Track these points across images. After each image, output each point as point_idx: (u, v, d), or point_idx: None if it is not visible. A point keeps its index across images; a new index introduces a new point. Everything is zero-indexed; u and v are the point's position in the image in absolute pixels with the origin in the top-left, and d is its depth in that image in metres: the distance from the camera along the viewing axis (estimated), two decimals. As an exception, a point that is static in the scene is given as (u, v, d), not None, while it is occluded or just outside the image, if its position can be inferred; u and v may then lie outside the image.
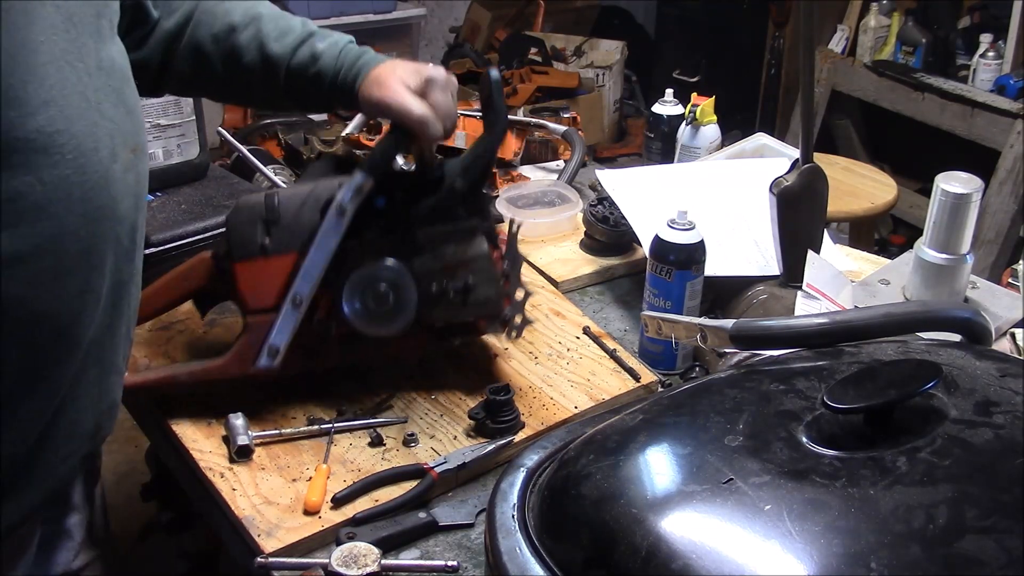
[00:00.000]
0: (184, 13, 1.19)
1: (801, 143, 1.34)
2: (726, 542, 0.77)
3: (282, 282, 1.16)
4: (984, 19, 3.66)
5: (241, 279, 1.18)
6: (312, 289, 1.16)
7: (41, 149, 0.83)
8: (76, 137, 0.86)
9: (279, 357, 1.17)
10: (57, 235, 0.86)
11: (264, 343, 1.17)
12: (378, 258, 1.18)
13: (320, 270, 1.16)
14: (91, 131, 0.88)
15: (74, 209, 0.87)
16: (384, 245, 1.19)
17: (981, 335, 1.04)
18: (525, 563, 0.85)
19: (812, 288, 1.31)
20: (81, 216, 0.88)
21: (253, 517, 1.06)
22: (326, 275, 1.17)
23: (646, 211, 1.54)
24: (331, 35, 1.24)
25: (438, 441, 1.19)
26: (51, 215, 0.85)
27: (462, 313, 1.22)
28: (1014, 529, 0.72)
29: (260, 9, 1.22)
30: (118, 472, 2.26)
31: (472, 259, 1.20)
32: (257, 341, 1.17)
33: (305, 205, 1.18)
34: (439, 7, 4.68)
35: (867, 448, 0.81)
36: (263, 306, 1.17)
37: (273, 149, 2.59)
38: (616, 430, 0.93)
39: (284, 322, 1.16)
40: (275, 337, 1.17)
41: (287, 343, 1.17)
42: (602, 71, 4.43)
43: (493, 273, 1.20)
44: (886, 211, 2.76)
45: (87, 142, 0.87)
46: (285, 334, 1.17)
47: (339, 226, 1.15)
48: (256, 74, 1.21)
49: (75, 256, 0.89)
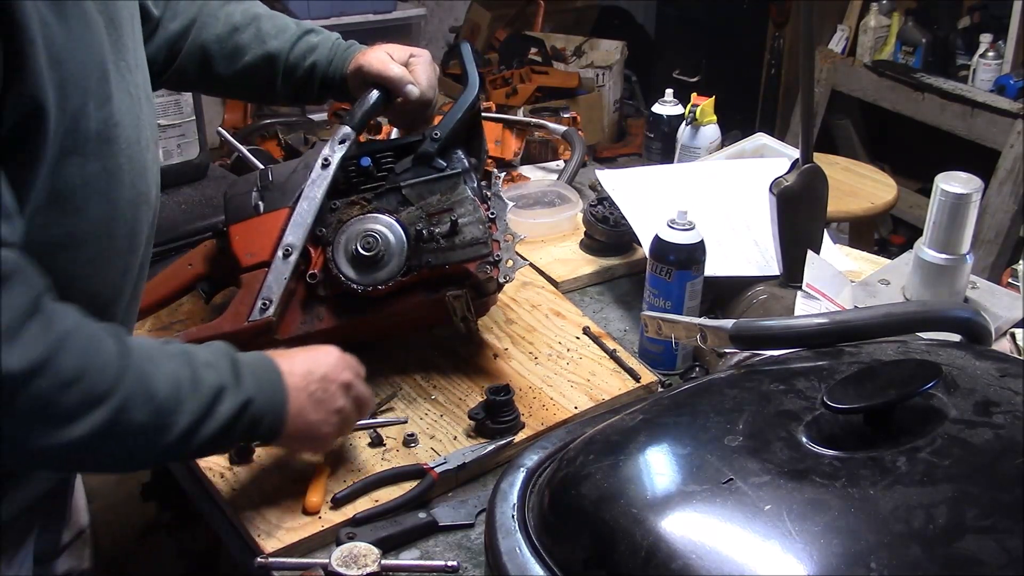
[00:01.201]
0: (189, 16, 1.26)
1: (801, 143, 1.34)
2: (726, 542, 0.77)
3: (274, 237, 1.22)
4: (984, 19, 3.66)
5: (235, 239, 1.25)
6: (302, 240, 1.22)
7: (106, 139, 0.89)
8: (127, 129, 0.92)
9: (272, 308, 1.20)
10: (111, 218, 0.92)
11: (257, 296, 1.21)
12: (366, 212, 1.24)
13: (309, 220, 1.22)
14: (135, 123, 0.95)
15: (124, 195, 0.93)
16: (372, 200, 1.26)
17: (981, 335, 1.05)
18: (525, 563, 0.85)
19: (812, 288, 1.31)
20: (129, 201, 0.95)
21: (253, 517, 1.06)
22: (318, 233, 1.23)
23: (646, 211, 1.54)
24: (324, 31, 1.33)
25: (438, 441, 1.19)
26: (109, 200, 0.91)
27: (451, 256, 1.23)
28: (1014, 529, 0.72)
29: (258, 9, 1.31)
30: (118, 472, 2.26)
31: (456, 202, 1.24)
32: (251, 296, 1.21)
33: (295, 172, 1.26)
34: (439, 7, 4.68)
35: (867, 448, 0.81)
36: (256, 261, 1.22)
37: (273, 149, 2.59)
38: (616, 430, 0.93)
39: (275, 274, 1.21)
40: (267, 289, 1.21)
41: (280, 295, 1.21)
42: (602, 71, 4.43)
43: (478, 214, 1.24)
44: (886, 211, 2.76)
45: (133, 133, 0.94)
46: (276, 286, 1.21)
47: (325, 176, 1.22)
48: (257, 70, 1.28)
49: (122, 238, 0.95)
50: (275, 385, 0.97)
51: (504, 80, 4.04)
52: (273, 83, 1.30)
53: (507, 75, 4.06)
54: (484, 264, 1.23)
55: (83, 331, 0.83)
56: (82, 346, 0.81)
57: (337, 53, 1.29)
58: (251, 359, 0.97)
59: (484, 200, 1.27)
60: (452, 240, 1.23)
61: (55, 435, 0.79)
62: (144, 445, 0.87)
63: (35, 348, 0.77)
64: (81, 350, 0.81)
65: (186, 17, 1.26)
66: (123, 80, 0.94)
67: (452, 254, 1.23)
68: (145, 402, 0.84)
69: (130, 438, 0.85)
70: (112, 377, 0.82)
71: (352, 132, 1.24)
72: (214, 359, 0.93)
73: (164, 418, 0.86)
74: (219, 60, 1.27)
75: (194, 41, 1.26)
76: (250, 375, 0.94)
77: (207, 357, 0.92)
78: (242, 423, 0.92)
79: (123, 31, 0.95)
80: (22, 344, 0.76)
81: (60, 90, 0.82)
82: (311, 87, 1.30)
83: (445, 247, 1.23)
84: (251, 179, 1.30)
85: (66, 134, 0.84)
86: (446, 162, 1.26)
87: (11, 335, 0.76)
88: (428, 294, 1.26)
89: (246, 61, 1.28)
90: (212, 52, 1.27)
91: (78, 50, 0.85)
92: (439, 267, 1.23)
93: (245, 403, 0.92)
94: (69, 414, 0.80)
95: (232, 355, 0.95)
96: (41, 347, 0.77)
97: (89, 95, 0.87)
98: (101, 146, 0.89)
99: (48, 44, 0.81)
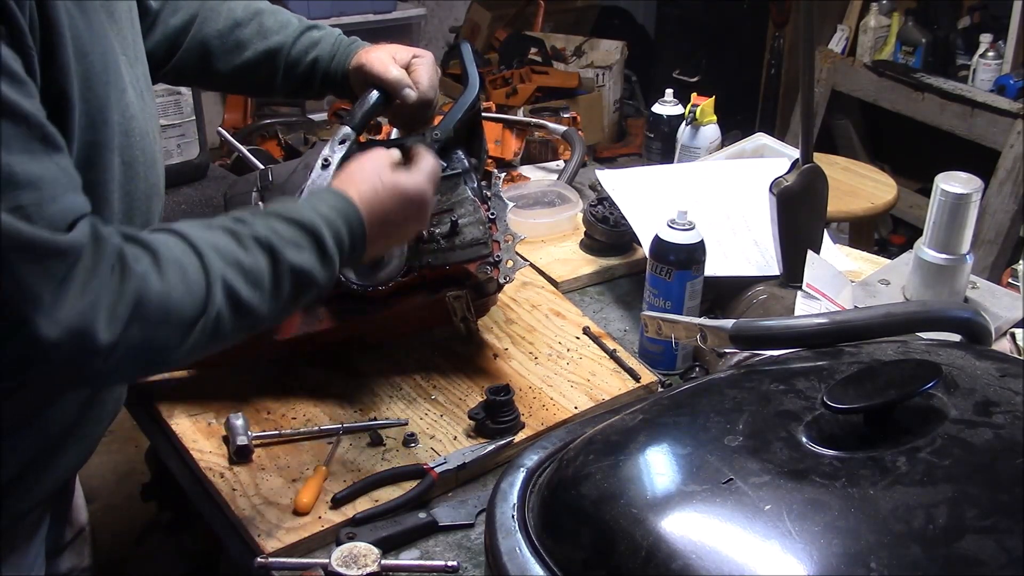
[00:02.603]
0: (190, 11, 1.25)
1: (801, 143, 1.35)
2: (726, 542, 0.77)
3: None
4: (984, 19, 3.66)
5: None
6: None
7: (123, 131, 0.91)
8: (140, 121, 0.94)
9: None
10: (129, 211, 0.94)
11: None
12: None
13: None
14: (144, 116, 0.96)
15: (140, 187, 0.95)
16: None
17: (981, 335, 1.05)
18: (525, 563, 0.85)
19: (812, 288, 1.31)
20: (143, 193, 0.97)
21: (253, 517, 1.06)
22: None
23: (646, 211, 1.54)
24: (326, 27, 1.32)
25: (438, 441, 1.19)
26: (127, 192, 0.93)
27: (451, 256, 1.23)
28: (1014, 529, 0.72)
29: (260, 5, 1.30)
30: (118, 472, 2.26)
31: (456, 203, 1.24)
32: None
33: (295, 172, 1.26)
34: (439, 7, 4.68)
35: (867, 448, 0.81)
36: None
37: (273, 149, 2.59)
38: (616, 430, 0.93)
39: None
40: None
41: None
42: (602, 71, 4.43)
43: (479, 215, 1.23)
44: (886, 211, 2.76)
45: (144, 125, 0.95)
46: None
47: (325, 176, 1.20)
48: (258, 65, 1.28)
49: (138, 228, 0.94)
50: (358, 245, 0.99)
51: (504, 80, 4.04)
52: (274, 78, 1.29)
53: (507, 75, 4.06)
54: (484, 265, 1.24)
55: (164, 267, 0.84)
56: (164, 285, 0.83)
57: (339, 49, 1.28)
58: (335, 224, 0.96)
59: (484, 200, 1.27)
60: (452, 241, 1.23)
61: (162, 363, 0.87)
62: (242, 333, 0.91)
63: (129, 311, 0.80)
64: (163, 290, 0.82)
65: (187, 12, 1.25)
66: (130, 72, 0.95)
67: (452, 255, 1.23)
68: (233, 306, 0.87)
69: (226, 337, 0.89)
70: (199, 299, 0.85)
71: (352, 132, 1.23)
72: (296, 238, 0.93)
73: (251, 312, 0.89)
74: (220, 55, 1.27)
75: (195, 36, 1.25)
76: (335, 248, 0.95)
77: (288, 235, 0.92)
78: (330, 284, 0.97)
79: (122, 24, 0.96)
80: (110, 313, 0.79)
81: (84, 81, 0.84)
82: (312, 83, 1.30)
83: (445, 248, 1.23)
84: (251, 179, 1.30)
85: (90, 126, 0.86)
86: (446, 162, 1.26)
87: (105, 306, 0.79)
88: (428, 295, 1.26)
89: (247, 56, 1.27)
90: (213, 47, 1.26)
91: (97, 43, 0.87)
92: (439, 268, 1.23)
93: (331, 275, 0.96)
94: (170, 345, 0.84)
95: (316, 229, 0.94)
96: (130, 308, 0.80)
97: (110, 87, 0.88)
98: (121, 138, 0.90)
99: (75, 38, 0.83)
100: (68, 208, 0.78)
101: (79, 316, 0.77)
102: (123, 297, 0.80)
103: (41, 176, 0.76)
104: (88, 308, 0.77)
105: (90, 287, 0.78)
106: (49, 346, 0.76)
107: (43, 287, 0.75)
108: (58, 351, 0.77)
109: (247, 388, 1.26)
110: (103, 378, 0.85)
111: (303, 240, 0.93)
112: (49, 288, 0.75)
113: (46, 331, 0.75)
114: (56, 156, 0.79)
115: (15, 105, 0.75)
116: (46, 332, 0.75)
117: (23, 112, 0.75)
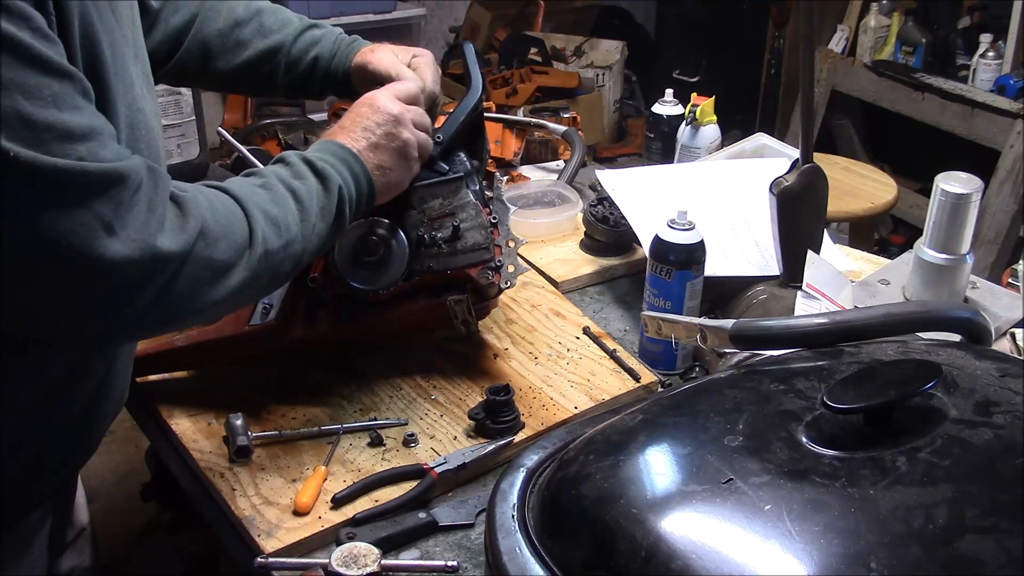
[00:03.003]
0: (191, 10, 1.25)
1: (801, 143, 1.34)
2: (726, 542, 0.77)
3: None
4: (984, 19, 3.66)
5: None
6: None
7: (131, 124, 0.92)
8: (146, 116, 0.96)
9: (273, 313, 1.21)
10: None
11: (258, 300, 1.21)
12: (368, 216, 1.22)
13: None
14: (150, 111, 0.98)
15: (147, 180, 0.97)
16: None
17: (981, 335, 1.04)
18: (525, 563, 0.85)
19: (812, 288, 1.31)
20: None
21: (253, 517, 1.06)
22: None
23: (646, 211, 1.54)
24: (327, 26, 1.32)
25: (438, 441, 1.19)
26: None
27: (453, 261, 1.23)
28: (1014, 529, 0.72)
29: (260, 5, 1.30)
30: (118, 472, 2.26)
31: (458, 207, 1.23)
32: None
33: None
34: (439, 7, 4.68)
35: (867, 448, 0.81)
36: None
37: (273, 149, 2.59)
38: (616, 430, 0.93)
39: None
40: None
41: (281, 300, 1.21)
42: (602, 71, 4.43)
43: (480, 219, 1.23)
44: (886, 211, 2.76)
45: (150, 121, 0.97)
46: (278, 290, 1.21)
47: None
48: (258, 64, 1.28)
49: None
50: (362, 182, 1.07)
51: (504, 80, 4.04)
52: (274, 77, 1.29)
53: (507, 75, 4.06)
54: (486, 270, 1.23)
55: (212, 196, 0.93)
56: (218, 207, 0.92)
57: (340, 48, 1.28)
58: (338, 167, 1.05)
59: (486, 204, 1.26)
60: (454, 245, 1.22)
61: (223, 285, 0.91)
62: (288, 268, 1.00)
63: (193, 224, 0.88)
64: (214, 211, 0.91)
65: (188, 11, 1.25)
66: (134, 70, 0.95)
67: (454, 259, 1.22)
68: (272, 227, 0.96)
69: (275, 262, 0.97)
70: (244, 222, 0.93)
71: None
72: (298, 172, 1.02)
73: (288, 233, 0.97)
74: (220, 55, 1.27)
75: (195, 36, 1.25)
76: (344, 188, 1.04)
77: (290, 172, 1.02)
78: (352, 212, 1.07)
79: (123, 22, 0.96)
80: (176, 227, 0.86)
81: (92, 70, 0.86)
82: (313, 82, 1.30)
83: (447, 252, 1.22)
84: None
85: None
86: (448, 165, 1.25)
87: (171, 222, 0.86)
88: (429, 299, 1.25)
89: (247, 56, 1.27)
90: (213, 47, 1.27)
91: (106, 34, 0.88)
92: (441, 272, 1.23)
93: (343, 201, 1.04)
94: (228, 264, 0.91)
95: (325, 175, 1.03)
96: (194, 221, 0.88)
97: (117, 78, 0.89)
98: (128, 130, 0.91)
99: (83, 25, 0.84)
100: (118, 151, 0.83)
101: (149, 233, 0.83)
102: (186, 214, 0.88)
103: (92, 126, 0.81)
104: (156, 225, 0.84)
105: (155, 207, 0.84)
106: (124, 264, 0.81)
107: (113, 213, 0.81)
108: (132, 269, 0.82)
109: (247, 388, 1.26)
110: (175, 296, 0.87)
111: (306, 171, 1.02)
112: (119, 214, 0.81)
113: (121, 251, 0.81)
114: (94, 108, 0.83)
115: (58, 64, 0.79)
116: (122, 252, 0.81)
117: (66, 69, 0.80)
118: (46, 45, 0.77)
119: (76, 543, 1.26)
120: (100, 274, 0.81)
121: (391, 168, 1.10)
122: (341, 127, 1.10)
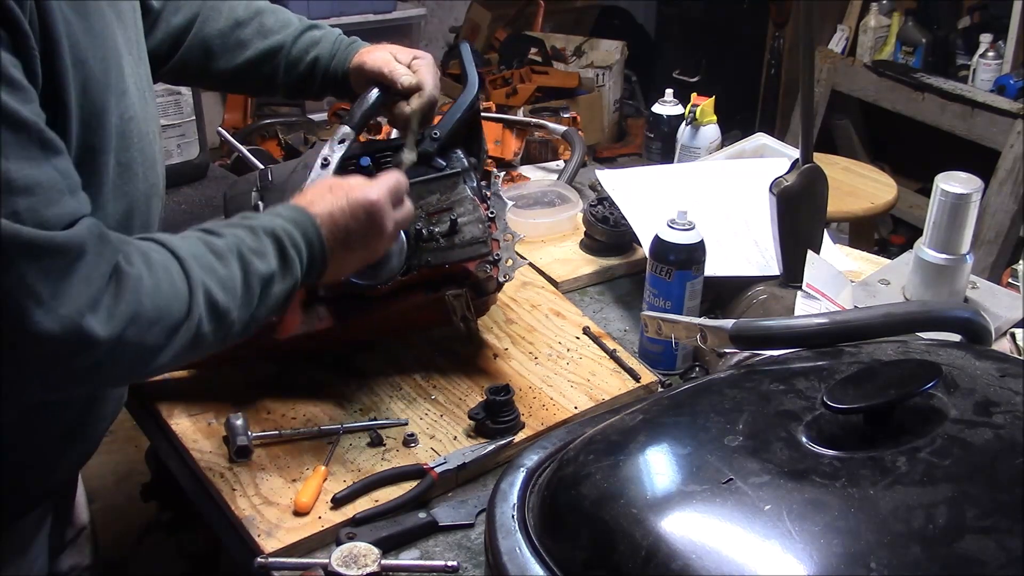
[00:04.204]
0: (191, 10, 1.26)
1: (801, 143, 1.34)
2: (726, 542, 0.77)
3: None
4: (984, 19, 3.66)
5: None
6: None
7: (121, 134, 0.91)
8: (140, 122, 0.95)
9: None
10: (128, 211, 0.95)
11: None
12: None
13: None
14: (145, 116, 0.97)
15: (139, 187, 0.96)
16: None
17: (981, 335, 1.04)
18: (525, 563, 0.85)
19: (812, 288, 1.31)
20: (143, 194, 0.97)
21: (253, 517, 1.06)
22: None
23: (646, 211, 1.54)
24: (327, 27, 1.33)
25: (438, 441, 1.19)
26: (125, 194, 0.94)
27: (451, 255, 1.23)
28: (1014, 529, 0.72)
29: (261, 5, 1.31)
30: (118, 472, 2.25)
31: (456, 202, 1.24)
32: None
33: (295, 172, 1.26)
34: (439, 7, 4.68)
35: (867, 448, 0.81)
36: None
37: (273, 149, 2.59)
38: (616, 430, 0.93)
39: None
40: None
41: None
42: (602, 71, 4.42)
43: (478, 214, 1.23)
44: (886, 211, 2.76)
45: (144, 126, 0.96)
46: None
47: (325, 176, 1.21)
48: (258, 64, 1.28)
49: (137, 230, 0.96)
50: (318, 257, 1.02)
51: (504, 80, 4.04)
52: (274, 77, 1.30)
53: (507, 75, 4.06)
54: (484, 263, 1.24)
55: (160, 272, 0.87)
56: (162, 286, 0.87)
57: (340, 49, 1.29)
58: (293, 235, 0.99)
59: (483, 199, 1.27)
60: (452, 239, 1.23)
61: (149, 365, 0.88)
62: (218, 342, 0.94)
63: (125, 309, 0.83)
64: (155, 291, 0.86)
65: (189, 11, 1.25)
66: (133, 73, 0.95)
67: (452, 253, 1.23)
68: (211, 312, 0.91)
69: (204, 344, 0.92)
70: (184, 304, 0.88)
71: (352, 132, 1.23)
72: (260, 247, 0.96)
73: (226, 318, 0.93)
74: (221, 55, 1.28)
75: (196, 36, 1.26)
76: (295, 256, 0.99)
77: (254, 245, 0.96)
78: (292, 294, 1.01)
79: (127, 24, 0.97)
80: (108, 310, 0.82)
81: (81, 87, 0.85)
82: (312, 82, 1.30)
83: (445, 246, 1.23)
84: (251, 179, 1.30)
85: (86, 131, 0.86)
86: (445, 162, 1.26)
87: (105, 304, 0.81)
88: (428, 293, 1.26)
89: (248, 56, 1.28)
90: (214, 47, 1.27)
91: (98, 48, 0.87)
92: (439, 266, 1.23)
93: (293, 285, 1.00)
94: (157, 347, 0.87)
95: (278, 238, 0.98)
96: (127, 306, 0.83)
97: (109, 91, 0.89)
98: (117, 140, 0.91)
99: (72, 44, 0.83)
100: (66, 210, 0.79)
101: (78, 312, 0.79)
102: (121, 296, 0.82)
103: (39, 181, 0.77)
104: (87, 304, 0.79)
105: (92, 281, 0.80)
106: (47, 339, 0.77)
107: (41, 284, 0.76)
108: (55, 344, 0.78)
109: (247, 388, 1.26)
110: (96, 376, 0.86)
111: (267, 247, 0.96)
112: (48, 285, 0.77)
113: (45, 325, 0.77)
114: (55, 160, 0.80)
115: (14, 112, 0.76)
116: (45, 326, 0.77)
117: (21, 119, 0.77)
118: (7, 91, 0.75)
119: (76, 542, 1.26)
120: (28, 342, 0.78)
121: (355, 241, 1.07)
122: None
